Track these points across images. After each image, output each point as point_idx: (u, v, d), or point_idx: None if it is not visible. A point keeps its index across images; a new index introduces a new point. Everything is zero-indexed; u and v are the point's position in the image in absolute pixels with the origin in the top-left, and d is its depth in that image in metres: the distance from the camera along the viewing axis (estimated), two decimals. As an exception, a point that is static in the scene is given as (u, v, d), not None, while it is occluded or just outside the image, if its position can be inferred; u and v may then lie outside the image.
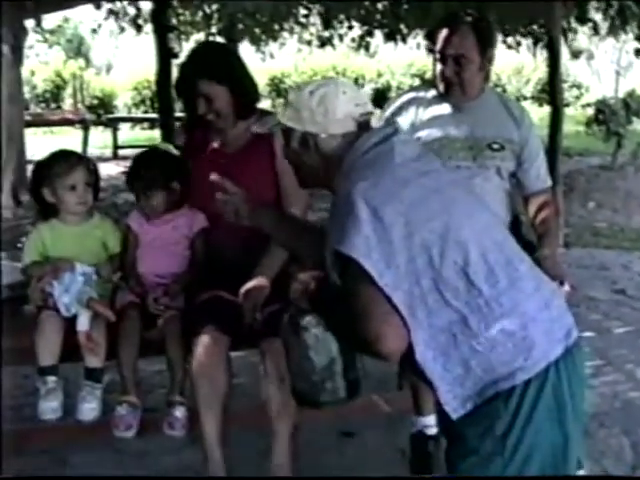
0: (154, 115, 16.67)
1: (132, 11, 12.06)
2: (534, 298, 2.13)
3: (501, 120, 3.43)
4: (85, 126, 15.27)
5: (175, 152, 3.39)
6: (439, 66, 3.35)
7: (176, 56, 9.90)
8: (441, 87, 3.38)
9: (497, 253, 2.13)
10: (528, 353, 2.06)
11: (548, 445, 2.10)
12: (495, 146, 3.37)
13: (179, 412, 3.13)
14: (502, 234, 2.27)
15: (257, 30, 13.03)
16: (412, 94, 3.56)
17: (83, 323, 3.06)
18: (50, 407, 3.02)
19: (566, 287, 3.41)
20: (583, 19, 9.11)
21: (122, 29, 12.31)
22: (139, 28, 12.12)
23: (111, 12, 11.78)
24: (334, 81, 2.33)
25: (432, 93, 3.47)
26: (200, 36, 13.28)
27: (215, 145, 3.38)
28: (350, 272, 2.08)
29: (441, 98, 3.42)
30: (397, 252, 2.04)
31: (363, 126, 2.29)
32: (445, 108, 3.41)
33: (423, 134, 3.34)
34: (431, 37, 3.53)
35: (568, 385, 2.11)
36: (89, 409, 3.05)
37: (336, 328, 2.24)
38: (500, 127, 3.41)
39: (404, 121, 3.36)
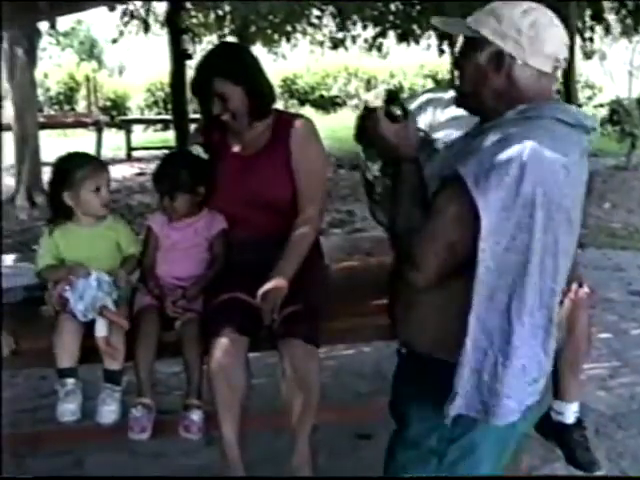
0: (167, 117, 16.70)
1: (143, 12, 12.10)
2: (537, 351, 2.07)
3: None
4: (99, 128, 15.31)
5: (204, 155, 3.35)
6: None
7: (190, 57, 9.94)
8: None
9: (554, 295, 2.05)
10: (526, 398, 2.05)
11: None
12: None
13: (196, 415, 3.12)
14: (565, 282, 2.16)
15: (269, 31, 13.04)
16: (430, 95, 3.54)
17: (101, 329, 3.06)
18: (69, 409, 3.01)
19: (585, 289, 3.40)
20: (598, 19, 9.06)
21: (138, 30, 12.32)
22: (147, 28, 12.14)
23: (125, 14, 11.79)
24: (547, 10, 2.10)
25: (450, 94, 3.45)
26: (213, 38, 13.32)
27: (232, 148, 3.37)
28: (455, 203, 1.96)
29: None
30: (505, 232, 1.92)
31: (553, 73, 2.11)
32: (462, 110, 3.39)
33: (440, 135, 3.32)
34: (451, 40, 3.52)
35: (517, 435, 2.17)
36: (109, 412, 3.06)
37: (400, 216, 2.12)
38: None
39: (421, 122, 3.35)
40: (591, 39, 12.14)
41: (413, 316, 2.15)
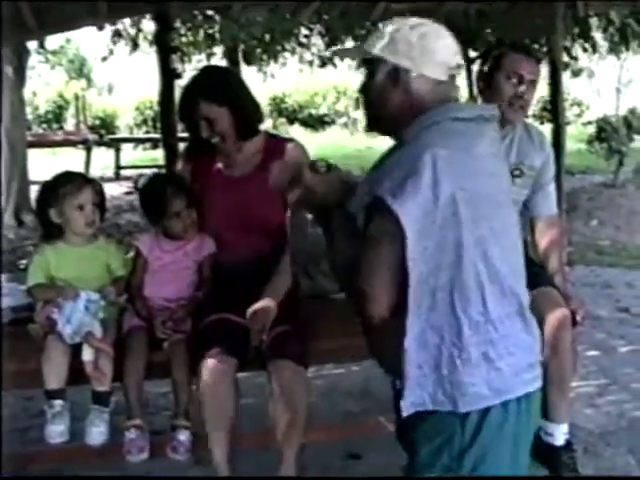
0: (156, 135, 16.68)
1: (133, 32, 12.09)
2: (521, 338, 2.12)
3: (523, 147, 3.51)
4: (87, 147, 15.27)
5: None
6: (509, 86, 3.36)
7: (179, 77, 9.92)
8: (504, 105, 3.36)
9: (514, 280, 2.12)
10: (494, 384, 2.06)
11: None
12: (516, 172, 3.43)
13: (183, 436, 3.12)
14: (522, 263, 2.23)
15: (258, 50, 13.05)
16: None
17: (88, 353, 3.06)
18: (57, 430, 3.02)
19: (580, 315, 3.42)
20: (585, 37, 9.11)
21: (130, 51, 12.32)
22: (136, 47, 12.14)
23: (115, 34, 11.79)
24: (434, 23, 2.18)
25: None
26: (202, 57, 13.33)
27: (222, 170, 3.38)
28: (382, 225, 2.01)
29: None
30: (432, 235, 1.98)
31: (450, 80, 2.18)
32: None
33: None
34: (486, 58, 3.56)
35: (525, 426, 2.14)
36: (97, 433, 3.06)
37: (339, 259, 2.18)
38: (522, 154, 3.49)
39: None
40: (575, 58, 12.20)
41: (383, 349, 2.19)
